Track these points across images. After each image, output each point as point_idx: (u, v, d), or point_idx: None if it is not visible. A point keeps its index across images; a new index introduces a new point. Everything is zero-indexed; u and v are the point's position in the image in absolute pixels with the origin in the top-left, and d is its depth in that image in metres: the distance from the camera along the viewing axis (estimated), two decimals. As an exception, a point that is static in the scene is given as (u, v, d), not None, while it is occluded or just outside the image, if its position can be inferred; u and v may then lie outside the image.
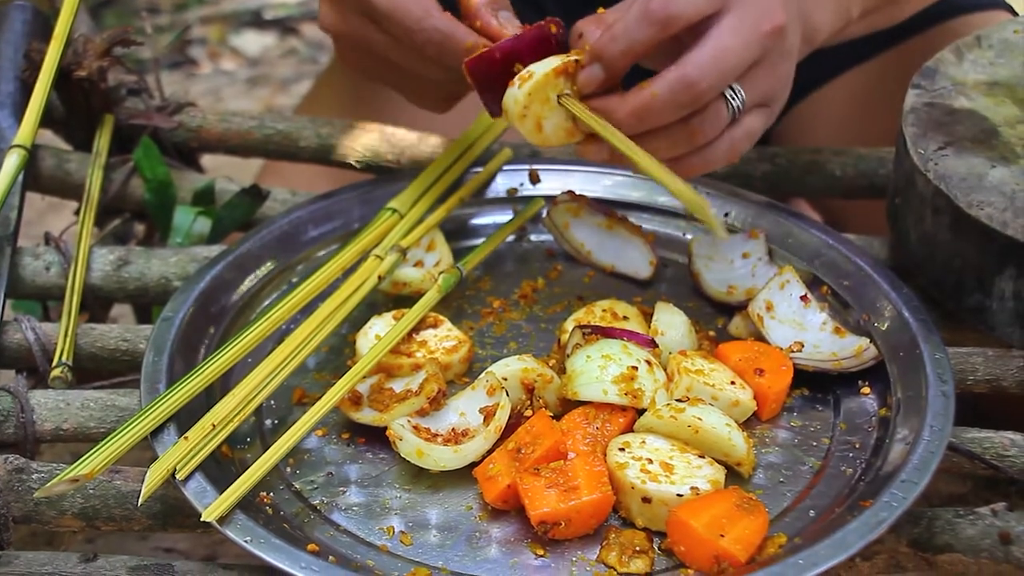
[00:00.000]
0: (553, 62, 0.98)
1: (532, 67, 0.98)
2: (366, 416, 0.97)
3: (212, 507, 0.86)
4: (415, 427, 0.94)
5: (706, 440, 0.93)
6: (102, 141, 1.23)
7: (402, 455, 0.93)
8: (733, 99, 0.97)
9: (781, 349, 1.01)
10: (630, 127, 0.96)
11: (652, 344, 1.00)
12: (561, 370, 0.99)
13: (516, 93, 0.97)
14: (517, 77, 0.98)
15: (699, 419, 0.93)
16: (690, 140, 0.97)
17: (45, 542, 1.29)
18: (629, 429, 0.95)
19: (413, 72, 1.05)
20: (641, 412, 0.95)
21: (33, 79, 1.18)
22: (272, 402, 1.01)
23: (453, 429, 0.95)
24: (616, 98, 0.96)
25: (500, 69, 0.99)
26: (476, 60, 0.99)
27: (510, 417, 0.94)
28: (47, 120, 1.24)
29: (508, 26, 1.02)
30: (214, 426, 0.92)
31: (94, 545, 1.38)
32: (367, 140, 1.25)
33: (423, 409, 0.95)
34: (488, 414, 0.94)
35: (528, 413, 0.95)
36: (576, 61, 0.98)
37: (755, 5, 0.96)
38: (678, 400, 0.95)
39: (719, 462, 0.93)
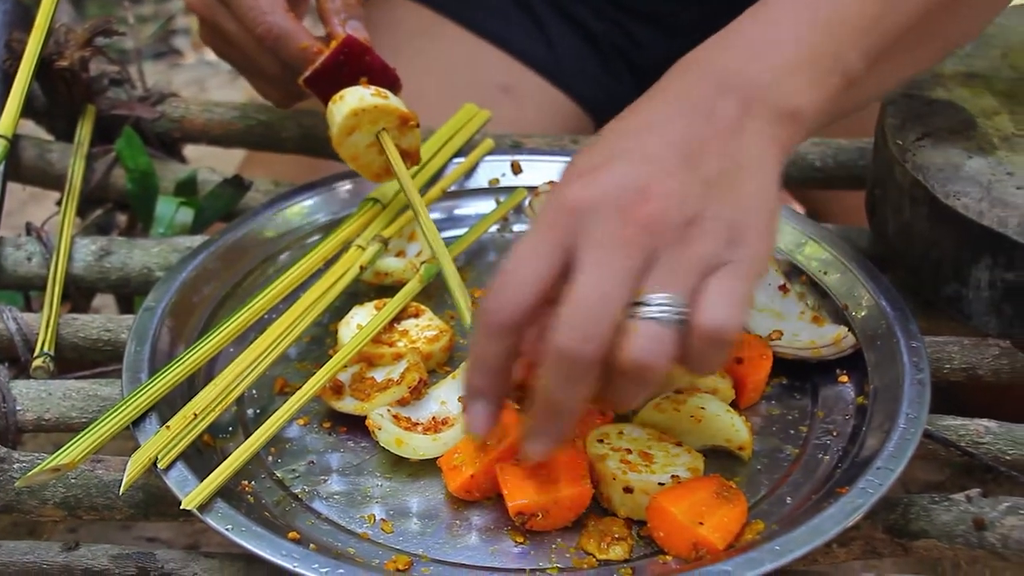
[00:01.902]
0: (366, 99, 1.05)
1: (347, 94, 1.05)
2: (347, 405, 0.97)
3: (192, 495, 0.86)
4: (395, 416, 0.95)
5: (709, 428, 0.94)
6: (84, 131, 1.23)
7: (381, 444, 0.94)
8: (650, 312, 0.77)
9: (760, 337, 1.02)
10: (552, 432, 0.82)
11: None
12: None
13: (334, 111, 1.06)
14: (334, 97, 1.06)
15: (702, 408, 0.93)
16: (640, 378, 0.78)
17: (27, 532, 1.30)
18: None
19: (256, 62, 1.11)
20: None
21: (14, 69, 1.18)
22: (254, 392, 1.01)
23: (433, 418, 0.96)
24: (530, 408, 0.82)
25: (330, 83, 1.07)
26: (308, 80, 1.08)
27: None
28: (28, 110, 1.24)
29: (356, 36, 1.08)
30: (196, 415, 0.92)
31: (77, 535, 1.39)
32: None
33: (404, 398, 0.96)
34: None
35: None
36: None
37: (611, 210, 0.78)
38: (675, 392, 0.95)
39: (718, 448, 0.94)
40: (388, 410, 0.95)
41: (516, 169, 1.20)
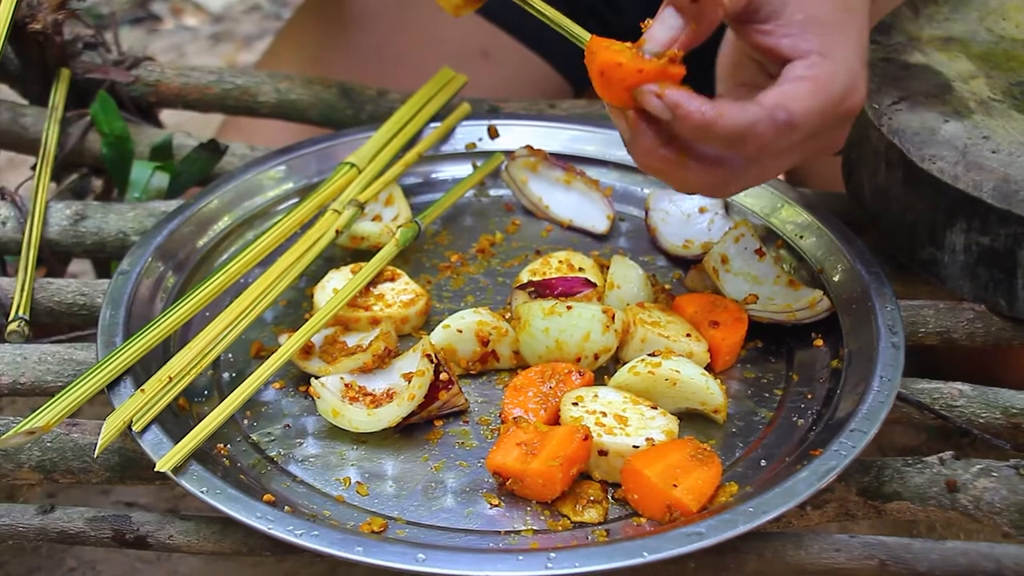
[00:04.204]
0: None
1: None
2: (313, 366, 0.97)
3: (166, 457, 0.86)
4: (347, 385, 0.95)
5: (684, 391, 0.94)
6: (58, 95, 1.23)
7: (319, 412, 0.94)
8: None
9: (736, 301, 1.02)
10: (692, 132, 0.88)
11: (588, 285, 1.00)
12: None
13: None
14: None
15: (678, 372, 0.93)
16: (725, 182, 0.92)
17: (5, 496, 1.29)
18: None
19: None
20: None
21: (-13, 32, 1.17)
22: (230, 355, 1.01)
23: (388, 390, 0.95)
24: (700, 99, 0.87)
25: None
26: None
27: (449, 381, 0.94)
28: (2, 74, 1.23)
29: None
30: (171, 378, 0.92)
31: (55, 499, 1.38)
32: (326, 95, 1.25)
33: (366, 365, 0.96)
34: (408, 379, 0.94)
35: (444, 377, 0.94)
36: None
37: (843, 71, 0.90)
38: (650, 355, 0.96)
39: (693, 411, 0.94)
40: (342, 377, 0.95)
41: (493, 133, 1.20)
